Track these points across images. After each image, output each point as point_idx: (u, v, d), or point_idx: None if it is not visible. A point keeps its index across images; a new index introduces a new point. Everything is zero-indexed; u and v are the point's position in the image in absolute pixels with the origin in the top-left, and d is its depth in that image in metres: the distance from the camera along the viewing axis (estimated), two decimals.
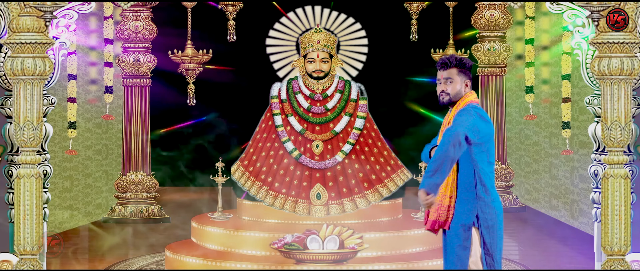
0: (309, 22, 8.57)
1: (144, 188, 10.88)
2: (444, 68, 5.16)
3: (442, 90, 5.15)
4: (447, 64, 5.16)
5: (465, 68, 5.16)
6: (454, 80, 5.13)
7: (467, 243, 5.03)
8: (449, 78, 5.13)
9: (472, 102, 5.12)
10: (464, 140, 4.88)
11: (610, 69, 6.77)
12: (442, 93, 5.15)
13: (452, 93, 5.13)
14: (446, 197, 5.07)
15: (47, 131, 7.09)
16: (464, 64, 5.15)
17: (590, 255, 7.55)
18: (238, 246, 8.06)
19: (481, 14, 11.11)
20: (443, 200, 5.08)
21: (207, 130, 11.58)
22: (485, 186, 5.03)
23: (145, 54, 10.89)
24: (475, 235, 5.04)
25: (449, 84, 5.13)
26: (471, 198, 5.03)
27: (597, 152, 7.16)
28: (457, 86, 5.13)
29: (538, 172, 12.51)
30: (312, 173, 8.41)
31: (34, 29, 6.79)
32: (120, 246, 9.63)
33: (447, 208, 5.06)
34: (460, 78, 5.14)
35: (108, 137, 12.30)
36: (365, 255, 7.81)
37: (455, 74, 5.14)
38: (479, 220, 5.03)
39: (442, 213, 5.08)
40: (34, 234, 6.89)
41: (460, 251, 5.04)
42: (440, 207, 5.08)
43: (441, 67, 5.18)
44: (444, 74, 5.15)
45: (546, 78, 11.50)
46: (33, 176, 6.87)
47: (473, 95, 5.17)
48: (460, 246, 5.03)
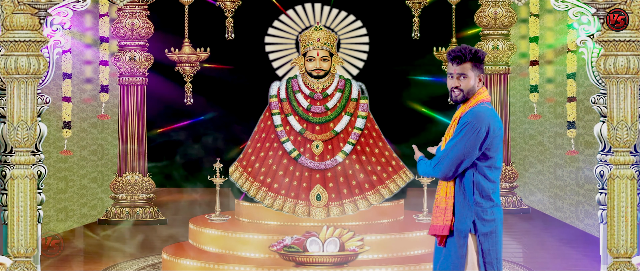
0: (308, 20, 8.57)
1: (140, 189, 10.88)
2: (457, 63, 4.81)
3: (455, 86, 4.84)
4: (461, 57, 4.80)
5: (480, 62, 4.83)
6: (467, 76, 4.82)
7: (462, 251, 4.81)
8: (463, 74, 4.81)
9: (485, 101, 4.85)
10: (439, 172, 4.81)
11: (617, 68, 6.77)
12: (454, 89, 4.85)
13: (465, 89, 4.83)
14: (442, 198, 4.88)
15: (42, 131, 7.08)
16: (479, 57, 4.82)
17: (596, 257, 7.55)
18: (236, 249, 8.06)
19: (484, 12, 11.11)
20: (439, 201, 4.89)
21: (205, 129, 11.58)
22: (483, 191, 4.81)
23: (141, 52, 10.90)
24: (472, 243, 4.82)
25: (462, 80, 4.82)
26: (468, 203, 4.82)
27: (603, 152, 7.15)
28: (471, 82, 4.82)
29: (542, 173, 12.51)
30: (311, 174, 8.40)
31: (28, 26, 6.78)
32: (116, 248, 9.62)
33: (444, 210, 4.84)
34: (474, 73, 4.82)
35: (104, 137, 12.30)
36: (366, 258, 7.81)
37: (469, 69, 4.81)
38: (475, 226, 4.80)
39: (439, 216, 4.87)
40: (28, 236, 6.88)
41: (456, 259, 4.82)
42: (437, 210, 4.90)
43: (454, 60, 4.83)
44: (458, 69, 4.82)
45: (551, 77, 11.50)
46: (27, 177, 6.86)
47: (485, 92, 4.88)
48: (455, 253, 4.82)
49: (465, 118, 4.81)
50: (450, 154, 4.79)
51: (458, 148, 4.76)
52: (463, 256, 4.80)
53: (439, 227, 4.86)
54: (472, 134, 4.74)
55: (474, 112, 4.81)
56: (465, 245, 4.81)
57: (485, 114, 4.79)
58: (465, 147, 4.75)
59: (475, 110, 4.81)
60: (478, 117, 4.78)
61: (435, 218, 4.91)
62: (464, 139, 4.75)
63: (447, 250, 4.87)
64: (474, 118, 4.77)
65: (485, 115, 4.79)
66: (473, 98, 4.86)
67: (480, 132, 4.75)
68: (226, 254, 8.08)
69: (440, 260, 4.92)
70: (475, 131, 4.75)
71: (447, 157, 4.80)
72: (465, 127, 4.77)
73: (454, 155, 4.78)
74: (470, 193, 4.82)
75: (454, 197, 4.85)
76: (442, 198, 4.88)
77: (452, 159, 4.78)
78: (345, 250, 7.54)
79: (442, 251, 4.90)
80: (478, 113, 4.80)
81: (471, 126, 4.76)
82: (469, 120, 4.78)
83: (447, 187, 4.86)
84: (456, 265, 4.82)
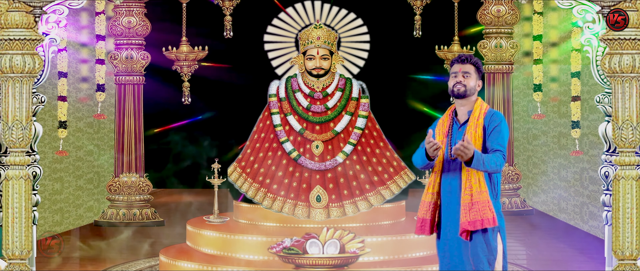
0: (308, 18, 8.57)
1: (137, 190, 10.88)
2: (463, 63, 5.41)
3: (458, 81, 5.37)
4: (466, 59, 5.42)
5: (480, 70, 5.44)
6: (471, 75, 5.38)
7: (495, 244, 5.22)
8: (467, 73, 5.38)
9: (491, 109, 5.39)
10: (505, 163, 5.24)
11: (622, 67, 6.76)
12: (457, 84, 5.37)
13: (468, 86, 5.37)
14: (483, 192, 5.19)
15: (37, 131, 7.08)
16: (479, 67, 5.44)
17: (601, 259, 7.55)
18: (235, 251, 8.06)
19: (487, 9, 11.11)
20: (478, 195, 5.19)
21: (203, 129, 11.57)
22: (499, 186, 5.29)
23: (138, 50, 10.89)
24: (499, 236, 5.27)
25: (466, 78, 5.37)
26: (495, 197, 5.26)
27: (608, 152, 7.15)
28: (472, 82, 5.38)
29: (546, 174, 12.51)
30: (311, 175, 8.40)
31: (23, 25, 6.78)
32: (113, 250, 9.62)
33: (487, 203, 5.17)
34: (476, 76, 5.42)
35: (100, 137, 12.29)
36: (367, 260, 7.81)
37: (473, 71, 5.40)
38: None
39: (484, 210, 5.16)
40: (23, 238, 6.88)
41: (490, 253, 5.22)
42: (479, 204, 5.19)
43: (460, 61, 5.43)
44: (463, 68, 5.39)
45: (555, 76, 11.49)
46: (22, 177, 6.86)
47: (483, 102, 5.45)
48: (489, 245, 5.19)
49: (496, 115, 5.33)
50: (504, 146, 5.23)
51: (506, 140, 5.27)
52: (495, 249, 5.20)
53: (488, 220, 5.16)
54: (506, 132, 5.32)
55: (500, 117, 5.34)
56: (497, 237, 5.23)
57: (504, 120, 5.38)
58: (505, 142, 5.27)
59: (498, 116, 5.34)
60: (503, 121, 5.33)
61: (479, 212, 5.15)
62: (506, 132, 5.29)
63: (478, 244, 5.20)
64: (500, 115, 5.33)
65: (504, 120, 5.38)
66: (479, 104, 5.39)
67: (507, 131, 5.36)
68: (224, 256, 8.08)
69: (466, 255, 5.22)
70: (506, 130, 5.30)
71: (504, 148, 5.24)
72: (501, 123, 5.29)
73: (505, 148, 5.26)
74: (498, 187, 5.29)
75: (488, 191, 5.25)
76: (483, 192, 5.18)
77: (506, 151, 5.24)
78: (345, 252, 7.54)
79: (466, 246, 5.21)
80: (502, 119, 5.34)
81: (504, 122, 5.31)
82: (499, 116, 5.32)
83: (481, 180, 5.19)
84: (490, 258, 5.19)
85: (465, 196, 5.18)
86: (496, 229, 5.22)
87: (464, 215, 5.17)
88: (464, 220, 5.16)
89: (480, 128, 5.29)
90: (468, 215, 5.16)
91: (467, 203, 5.17)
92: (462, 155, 5.06)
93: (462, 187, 5.21)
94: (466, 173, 5.21)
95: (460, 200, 5.21)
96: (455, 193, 5.26)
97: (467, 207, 5.16)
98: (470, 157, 5.06)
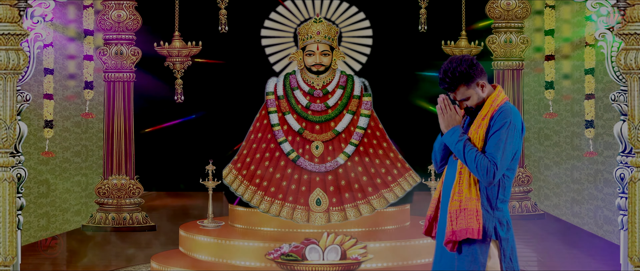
0: (308, 12, 8.58)
1: (128, 193, 10.88)
2: (451, 90, 4.85)
3: (463, 108, 4.88)
4: (450, 84, 4.83)
5: (471, 76, 4.82)
6: (469, 96, 4.84)
7: (484, 258, 4.75)
8: (464, 98, 4.84)
9: (507, 101, 4.85)
10: (492, 177, 4.68)
11: (638, 63, 6.77)
12: (465, 109, 4.88)
13: (474, 104, 4.84)
14: (472, 200, 4.77)
15: (21, 131, 7.09)
16: (466, 75, 4.81)
17: (616, 265, 7.56)
18: (230, 257, 8.07)
19: (496, 3, 11.11)
20: (467, 202, 4.77)
21: (197, 129, 11.58)
22: (505, 195, 4.80)
23: (128, 46, 10.90)
24: (494, 249, 4.79)
25: (466, 101, 4.85)
26: (491, 207, 4.78)
27: (624, 153, 7.16)
28: (475, 98, 4.84)
29: (559, 176, 12.52)
30: (311, 177, 8.41)
31: (6, 19, 6.79)
32: (102, 256, 9.63)
33: (475, 213, 4.73)
34: (474, 90, 4.84)
35: (88, 137, 12.30)
36: (369, 266, 7.82)
37: (466, 90, 4.83)
38: (496, 232, 4.77)
39: (470, 219, 4.73)
40: (7, 243, 6.88)
41: (475, 266, 4.76)
42: (466, 212, 4.76)
43: (447, 89, 4.86)
44: (457, 95, 4.85)
45: (567, 73, 11.51)
46: (6, 180, 6.87)
47: (502, 92, 4.88)
48: (475, 260, 4.75)
49: (502, 116, 4.78)
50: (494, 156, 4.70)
51: (508, 151, 4.73)
52: (484, 264, 4.76)
53: (472, 230, 4.72)
54: (513, 139, 4.75)
55: (507, 111, 4.78)
56: (487, 252, 4.77)
57: (516, 113, 4.80)
58: (512, 149, 4.74)
59: (504, 109, 4.79)
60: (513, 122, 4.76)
61: (465, 221, 4.76)
62: (509, 140, 4.73)
63: (464, 257, 4.80)
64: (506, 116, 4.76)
65: (517, 115, 4.80)
66: (493, 101, 4.83)
67: (518, 136, 4.77)
68: (219, 262, 8.09)
69: (453, 267, 4.86)
70: (517, 132, 4.76)
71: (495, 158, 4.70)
72: (503, 127, 4.74)
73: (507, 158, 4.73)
74: (494, 197, 4.79)
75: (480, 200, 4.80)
76: (472, 199, 4.76)
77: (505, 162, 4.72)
78: (347, 258, 7.55)
79: (454, 258, 4.84)
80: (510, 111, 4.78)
81: (513, 127, 4.75)
82: (505, 118, 4.76)
83: (472, 186, 4.77)
84: None
85: (454, 202, 4.78)
86: (487, 242, 4.77)
87: (449, 223, 4.77)
88: (449, 228, 4.77)
89: (484, 130, 4.78)
90: (454, 223, 4.76)
91: (454, 210, 4.77)
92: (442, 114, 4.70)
93: (452, 191, 4.80)
94: (458, 175, 4.80)
95: (448, 205, 4.81)
96: (448, 196, 4.89)
97: (455, 214, 4.76)
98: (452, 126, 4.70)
